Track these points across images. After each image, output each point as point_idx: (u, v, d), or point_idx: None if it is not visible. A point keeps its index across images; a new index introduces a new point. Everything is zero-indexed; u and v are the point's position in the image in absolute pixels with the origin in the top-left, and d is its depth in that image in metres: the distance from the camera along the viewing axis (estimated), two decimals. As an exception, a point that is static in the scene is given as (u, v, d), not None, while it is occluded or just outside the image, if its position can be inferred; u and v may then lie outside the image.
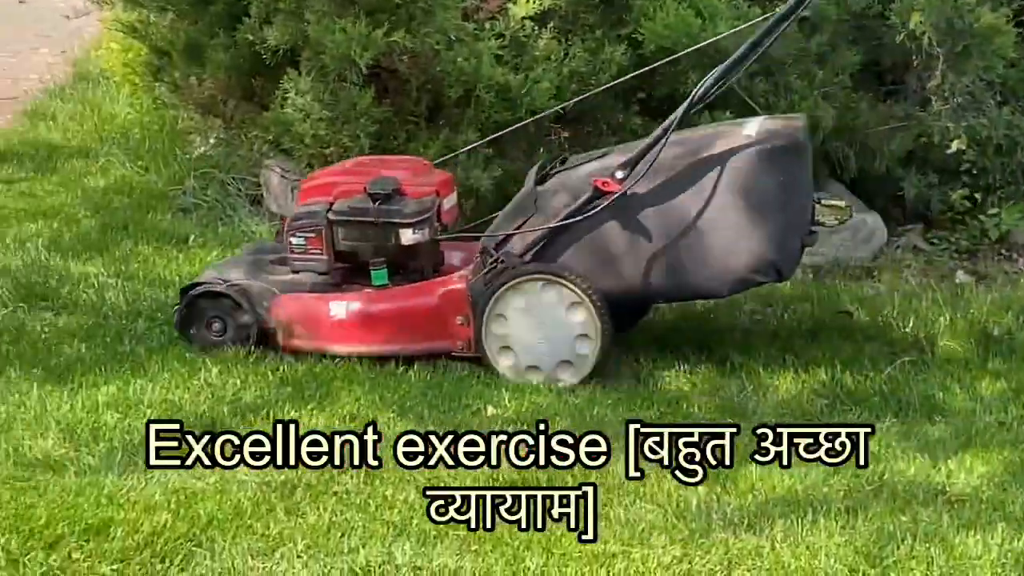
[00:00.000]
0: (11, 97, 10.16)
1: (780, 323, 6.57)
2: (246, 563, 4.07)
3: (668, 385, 5.79)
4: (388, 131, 6.97)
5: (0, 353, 5.59)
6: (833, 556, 4.28)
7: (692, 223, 5.51)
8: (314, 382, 5.47)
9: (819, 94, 7.15)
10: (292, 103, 6.93)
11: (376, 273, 5.81)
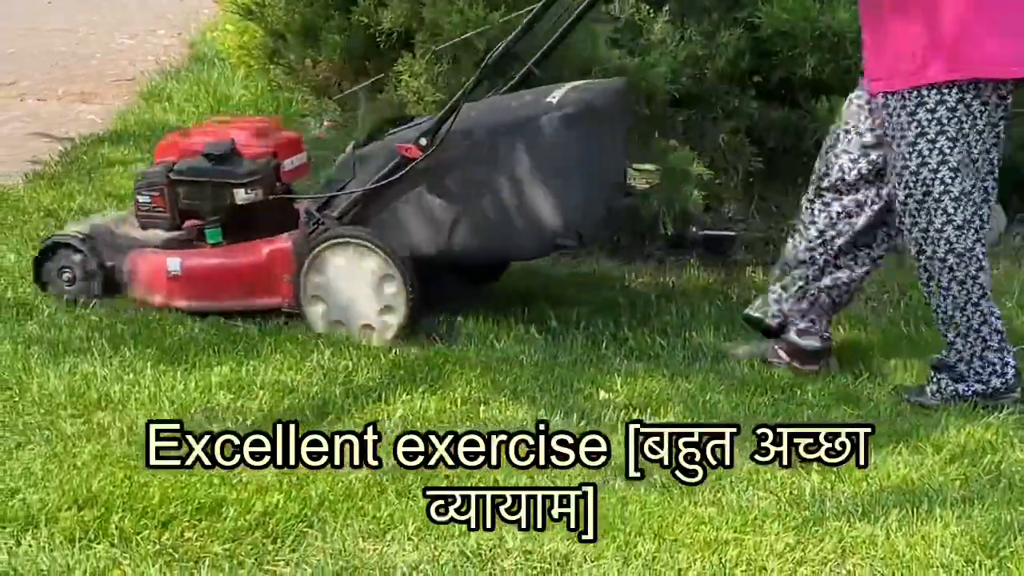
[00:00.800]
0: (129, 79, 10.29)
1: (895, 309, 6.49)
2: (357, 544, 4.08)
3: (782, 371, 5.73)
4: (501, 114, 6.94)
5: (115, 333, 5.64)
6: (949, 546, 4.22)
7: (495, 187, 5.64)
8: (426, 365, 5.48)
9: (938, 79, 7.02)
10: (406, 85, 6.94)
11: (210, 232, 6.04)
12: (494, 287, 6.43)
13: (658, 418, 5.14)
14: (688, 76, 6.97)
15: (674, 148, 6.86)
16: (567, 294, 6.42)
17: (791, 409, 5.33)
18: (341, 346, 5.62)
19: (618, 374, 5.54)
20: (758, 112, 7.11)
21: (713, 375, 5.64)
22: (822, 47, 6.87)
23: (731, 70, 7.04)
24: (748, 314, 5.89)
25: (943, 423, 5.22)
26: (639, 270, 6.87)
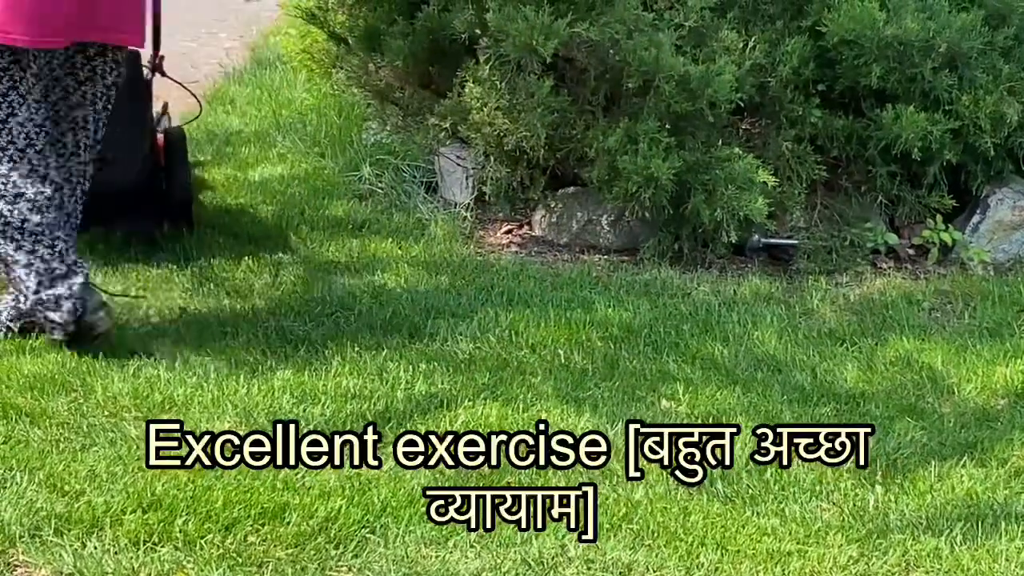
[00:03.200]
0: (192, 81, 10.31)
1: (960, 321, 6.44)
2: (419, 551, 4.09)
3: (845, 382, 5.69)
4: (565, 121, 6.94)
5: (179, 335, 5.66)
6: (1014, 560, 4.20)
7: None
8: (487, 371, 5.47)
9: (1004, 89, 6.97)
10: (469, 91, 6.95)
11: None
12: (554, 296, 6.40)
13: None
14: (752, 84, 6.95)
15: (738, 156, 6.83)
16: (628, 301, 6.39)
17: (853, 419, 5.29)
18: (402, 351, 5.62)
19: (680, 383, 5.52)
20: (822, 121, 7.08)
21: (776, 384, 5.60)
22: (888, 56, 6.83)
23: (795, 78, 7.01)
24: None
25: (1009, 436, 5.18)
26: (701, 278, 6.84)
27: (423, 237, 7.08)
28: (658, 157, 6.66)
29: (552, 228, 7.33)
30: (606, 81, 6.92)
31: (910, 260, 7.25)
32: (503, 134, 6.88)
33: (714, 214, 6.75)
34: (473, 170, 7.44)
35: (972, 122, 6.95)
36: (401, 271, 6.59)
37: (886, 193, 7.26)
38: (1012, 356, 5.95)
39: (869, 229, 7.18)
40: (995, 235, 7.25)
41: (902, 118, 6.88)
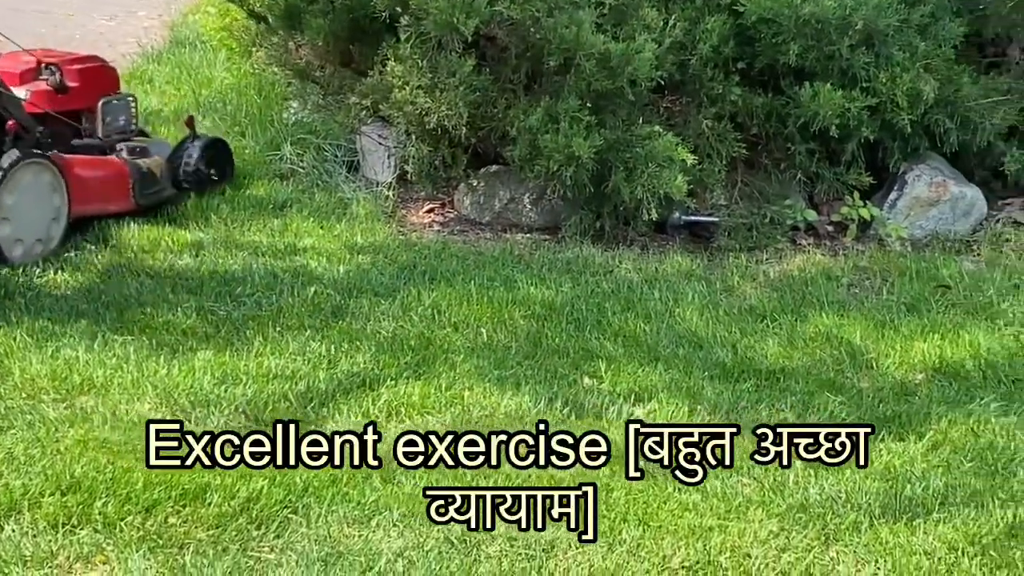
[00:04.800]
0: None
1: (878, 297, 6.50)
2: (342, 531, 4.08)
3: (765, 358, 5.73)
4: (487, 99, 6.94)
5: (98, 317, 5.62)
6: (932, 534, 4.24)
7: None
8: (410, 351, 5.47)
9: (920, 66, 7.04)
10: (391, 70, 6.93)
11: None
12: (476, 275, 6.40)
13: (642, 404, 5.15)
14: (672, 62, 6.97)
15: (658, 134, 6.86)
16: (550, 279, 6.41)
17: (774, 395, 5.34)
18: (324, 330, 5.61)
19: (602, 360, 5.54)
20: (741, 98, 7.12)
21: (698, 361, 5.63)
22: (805, 34, 6.87)
23: (715, 56, 7.05)
24: None
25: (926, 410, 5.23)
26: (622, 255, 6.86)
27: (345, 216, 7.06)
28: (579, 135, 6.67)
29: (474, 207, 7.33)
30: (527, 59, 6.93)
31: (829, 237, 7.31)
32: (424, 113, 6.86)
33: (635, 192, 6.77)
34: (395, 149, 7.42)
35: (889, 99, 7.01)
36: (323, 250, 6.57)
37: (805, 170, 7.31)
38: (929, 331, 6.01)
39: (789, 206, 7.23)
40: (912, 211, 7.32)
41: (820, 95, 6.92)
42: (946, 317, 6.21)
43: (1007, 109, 7.23)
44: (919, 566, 4.09)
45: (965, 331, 6.02)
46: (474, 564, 3.95)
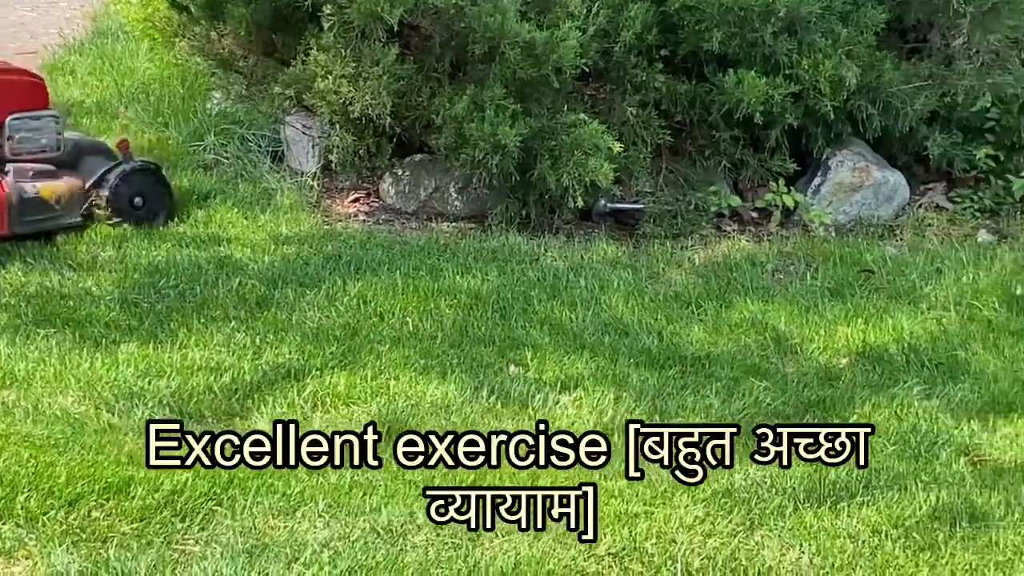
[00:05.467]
0: (31, 52, 10.12)
1: (802, 282, 6.54)
2: (267, 522, 4.06)
3: (691, 344, 5.76)
4: (411, 88, 6.92)
5: (19, 310, 5.57)
6: (856, 516, 4.28)
7: None
8: (335, 341, 5.46)
9: (843, 52, 7.07)
10: (314, 59, 6.90)
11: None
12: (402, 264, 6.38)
13: (568, 392, 5.16)
14: (596, 50, 6.97)
15: (584, 122, 6.86)
16: (476, 268, 6.40)
17: (700, 381, 5.36)
18: (249, 321, 5.59)
19: (528, 348, 5.54)
20: (665, 86, 7.13)
21: (624, 348, 5.65)
22: (728, 21, 6.89)
23: (639, 44, 7.05)
24: None
25: (850, 394, 5.28)
26: (549, 243, 6.86)
27: (270, 207, 7.02)
28: (505, 123, 6.67)
29: (400, 196, 7.31)
30: (452, 48, 6.91)
31: (754, 223, 7.35)
32: (348, 102, 6.83)
33: (561, 180, 6.77)
34: (319, 139, 7.38)
35: (812, 86, 7.05)
36: (247, 241, 6.54)
37: (729, 157, 7.34)
38: (853, 316, 6.06)
39: (713, 193, 7.26)
40: (836, 197, 7.37)
41: (744, 83, 6.95)
42: (870, 302, 6.26)
43: (928, 94, 7.28)
44: (843, 549, 4.12)
45: (888, 315, 6.07)
46: (400, 554, 3.94)
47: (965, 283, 6.39)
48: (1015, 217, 7.33)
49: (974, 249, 6.88)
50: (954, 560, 4.09)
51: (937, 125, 7.49)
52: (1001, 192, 7.46)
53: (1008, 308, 6.14)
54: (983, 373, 5.51)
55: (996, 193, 7.47)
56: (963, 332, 5.91)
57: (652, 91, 7.15)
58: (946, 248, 6.90)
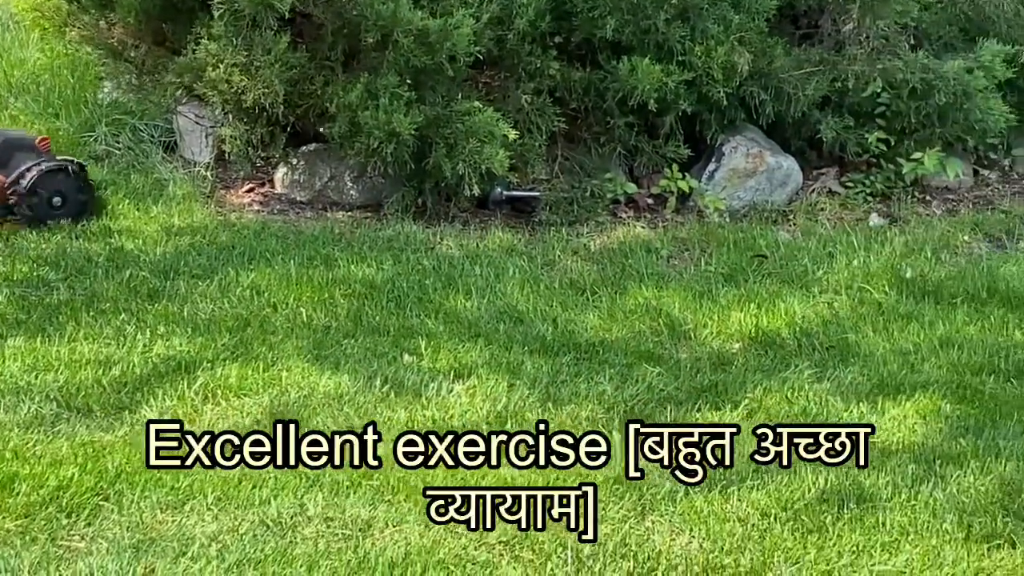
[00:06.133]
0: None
1: (697, 268, 6.57)
2: (155, 516, 4.03)
3: (585, 331, 5.76)
4: (304, 77, 6.88)
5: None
6: (746, 500, 4.31)
7: None
8: (227, 332, 5.42)
9: (735, 39, 7.12)
10: (204, 48, 6.83)
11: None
12: (296, 254, 6.34)
13: (462, 381, 5.14)
14: (490, 37, 6.96)
15: (478, 109, 6.85)
16: (371, 257, 6.37)
17: (593, 367, 5.37)
18: (140, 314, 5.53)
19: (422, 337, 5.53)
20: (560, 73, 7.14)
21: (518, 336, 5.64)
22: (621, 8, 6.92)
23: (532, 31, 7.05)
24: None
25: (742, 379, 5.30)
26: (444, 232, 6.85)
27: (162, 198, 6.96)
28: (399, 112, 6.65)
29: (295, 186, 7.27)
30: (344, 36, 6.87)
31: (649, 209, 7.37)
32: (240, 91, 6.78)
33: (456, 168, 6.77)
34: (212, 129, 7.33)
35: (705, 72, 7.09)
36: (139, 233, 6.48)
37: (624, 144, 7.36)
38: (746, 300, 6.10)
39: (609, 180, 7.28)
40: (730, 183, 7.41)
41: (638, 70, 6.97)
42: (763, 287, 6.30)
43: (819, 80, 7.34)
44: (732, 533, 4.15)
45: (781, 300, 6.12)
46: (289, 546, 3.92)
47: (856, 267, 6.44)
48: (906, 201, 7.42)
49: (865, 233, 6.94)
50: (841, 541, 4.13)
51: (829, 110, 7.54)
52: (892, 176, 7.54)
53: (898, 291, 6.20)
54: (872, 356, 5.56)
55: (887, 177, 7.55)
56: (854, 315, 5.97)
57: (546, 78, 7.16)
58: (838, 232, 6.96)
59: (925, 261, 6.56)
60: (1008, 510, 4.31)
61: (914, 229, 7.05)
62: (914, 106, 7.42)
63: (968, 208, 7.53)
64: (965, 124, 7.53)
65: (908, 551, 4.09)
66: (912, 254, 6.64)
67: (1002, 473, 4.54)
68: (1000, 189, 7.86)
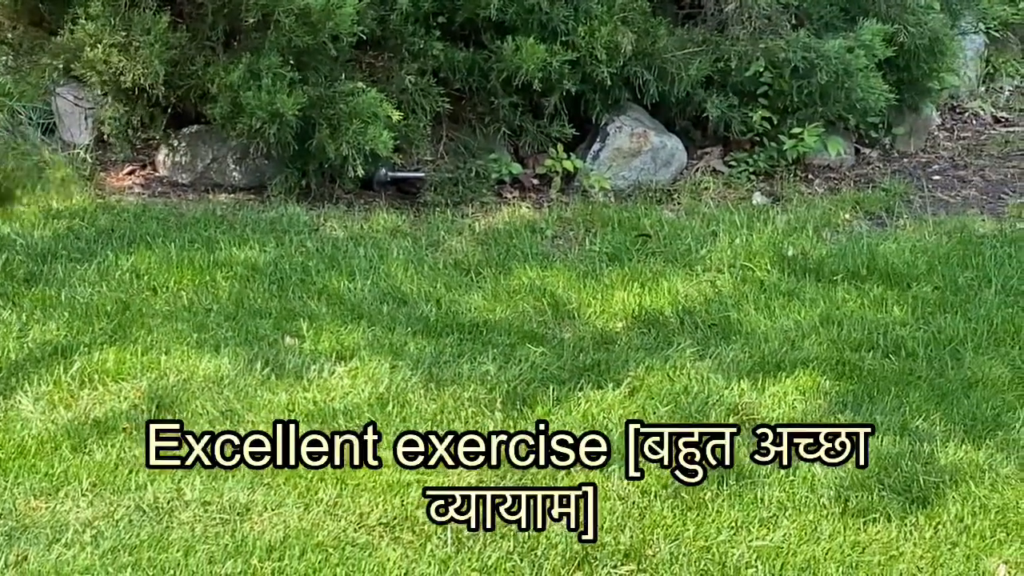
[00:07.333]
0: None
1: (581, 248, 6.57)
2: (28, 503, 3.98)
3: (469, 311, 5.75)
4: (185, 57, 6.80)
5: None
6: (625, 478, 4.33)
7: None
8: (106, 316, 5.35)
9: (618, 19, 7.13)
10: (82, 28, 6.73)
11: None
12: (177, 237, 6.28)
13: (344, 363, 5.12)
14: (373, 18, 6.93)
15: (362, 90, 6.81)
16: (254, 239, 6.32)
17: (477, 348, 5.36)
18: (16, 298, 5.45)
19: (304, 319, 5.49)
20: (444, 53, 7.11)
21: (401, 317, 5.62)
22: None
23: (415, 11, 7.02)
24: None
25: (625, 357, 5.32)
26: (328, 213, 6.81)
27: (40, 180, 6.83)
28: (282, 92, 6.59)
29: (176, 168, 7.19)
30: (224, 16, 6.80)
31: (534, 189, 7.37)
32: (119, 72, 6.69)
33: (340, 149, 6.72)
34: (91, 110, 7.23)
35: (589, 52, 7.09)
36: (16, 216, 6.38)
37: (509, 124, 7.35)
38: (630, 279, 6.11)
39: (494, 160, 7.27)
40: (615, 162, 7.42)
41: (523, 50, 6.97)
42: (646, 266, 6.31)
43: (703, 60, 7.36)
44: (612, 511, 4.17)
45: (664, 279, 6.13)
46: (166, 531, 3.89)
47: (739, 245, 6.48)
48: (788, 179, 7.47)
49: (748, 211, 6.98)
50: (720, 517, 4.16)
51: (713, 90, 7.57)
52: (775, 155, 7.59)
53: (780, 269, 6.24)
54: (754, 333, 5.60)
55: (770, 156, 7.60)
56: (736, 293, 6.00)
57: (430, 59, 7.13)
58: (722, 211, 6.99)
59: (807, 239, 6.61)
60: (884, 485, 4.37)
61: (796, 207, 7.09)
62: (796, 85, 7.47)
63: (849, 186, 7.59)
64: (847, 103, 7.58)
65: (786, 526, 4.14)
66: (794, 232, 6.68)
67: (879, 448, 4.60)
68: (881, 167, 7.93)
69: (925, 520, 4.22)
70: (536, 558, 3.96)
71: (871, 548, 4.07)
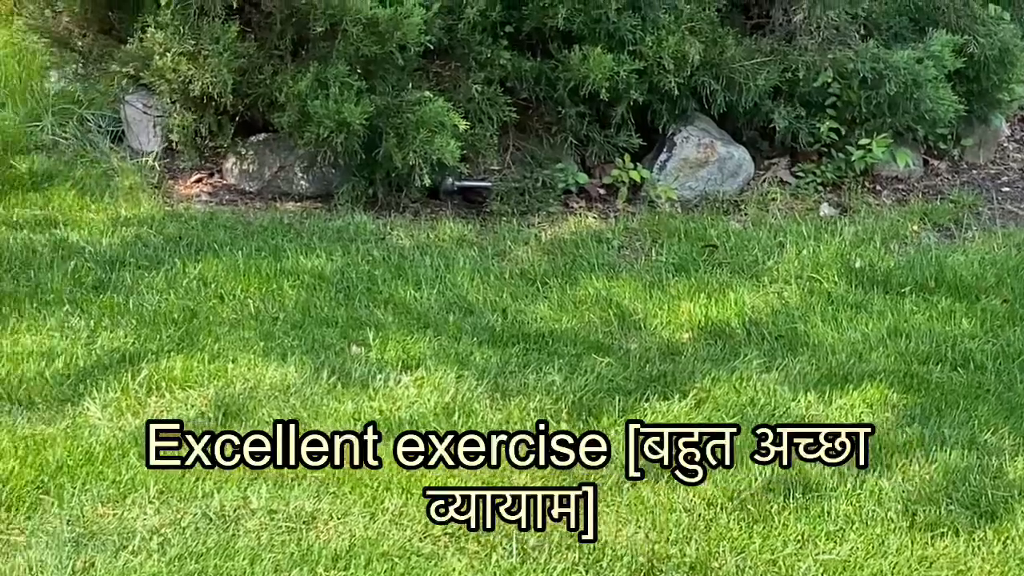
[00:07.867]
0: None
1: (648, 258, 6.55)
2: (95, 510, 4.00)
3: (535, 321, 5.74)
4: (253, 66, 6.83)
5: None
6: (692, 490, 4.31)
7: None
8: (173, 324, 5.38)
9: (686, 28, 7.11)
10: (151, 36, 6.78)
11: None
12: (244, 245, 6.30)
13: (410, 372, 5.12)
14: (440, 27, 6.94)
15: (429, 99, 6.82)
16: (320, 248, 6.34)
17: (543, 359, 5.35)
18: (85, 305, 5.49)
19: (371, 328, 5.50)
20: (511, 63, 7.11)
21: (468, 327, 5.62)
22: (572, -3, 6.90)
23: (483, 20, 7.02)
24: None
25: (691, 368, 5.30)
26: (395, 222, 6.82)
27: (109, 188, 6.91)
28: (349, 101, 6.61)
29: (244, 176, 7.22)
30: (293, 25, 6.83)
31: (601, 199, 7.35)
32: (188, 80, 6.73)
33: (407, 158, 6.73)
34: (160, 118, 7.27)
35: (656, 62, 7.07)
36: (85, 223, 6.42)
37: (576, 134, 7.34)
38: (696, 291, 6.08)
39: (560, 170, 7.25)
40: (681, 172, 7.40)
41: (590, 59, 6.96)
42: (713, 276, 6.28)
43: (771, 70, 7.32)
44: (679, 523, 4.15)
45: (731, 290, 6.11)
46: (232, 539, 3.91)
47: (806, 256, 6.44)
48: (856, 191, 7.41)
49: (816, 223, 6.94)
50: (787, 531, 4.14)
51: (780, 100, 7.53)
52: (843, 166, 7.53)
53: (847, 281, 6.20)
54: (821, 345, 5.56)
55: (838, 167, 7.54)
56: (803, 305, 5.96)
57: (497, 68, 7.13)
58: (789, 222, 6.95)
59: (874, 251, 6.56)
60: (952, 498, 4.34)
61: (864, 219, 7.04)
62: (864, 96, 7.42)
63: (918, 198, 7.53)
64: (915, 114, 7.52)
65: (853, 540, 4.11)
66: (862, 244, 6.64)
67: (947, 462, 4.56)
68: (949, 179, 7.87)
69: (993, 535, 4.19)
70: (601, 570, 3.95)
71: (939, 563, 4.04)
